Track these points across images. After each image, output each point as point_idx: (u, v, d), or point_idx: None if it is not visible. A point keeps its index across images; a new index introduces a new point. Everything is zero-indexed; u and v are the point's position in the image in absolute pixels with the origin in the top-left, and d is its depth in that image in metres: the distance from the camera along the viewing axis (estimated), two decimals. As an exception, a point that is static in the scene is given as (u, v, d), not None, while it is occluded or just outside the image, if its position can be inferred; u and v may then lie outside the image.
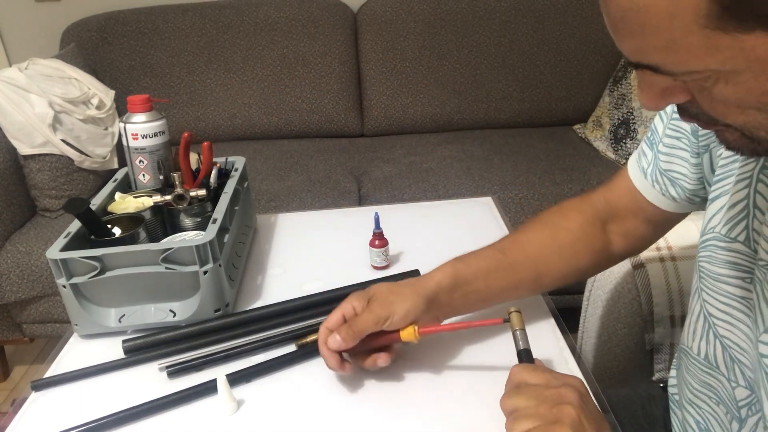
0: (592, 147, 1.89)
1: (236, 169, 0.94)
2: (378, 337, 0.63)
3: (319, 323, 0.74)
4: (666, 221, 0.70)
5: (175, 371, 0.69)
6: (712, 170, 0.60)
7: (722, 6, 0.33)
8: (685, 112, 0.43)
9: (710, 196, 0.59)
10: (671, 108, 0.65)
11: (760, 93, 0.36)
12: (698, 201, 0.65)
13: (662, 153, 0.65)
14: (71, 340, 0.77)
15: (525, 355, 0.59)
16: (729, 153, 0.57)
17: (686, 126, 0.62)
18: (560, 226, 0.72)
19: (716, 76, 0.37)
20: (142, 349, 0.73)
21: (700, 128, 0.60)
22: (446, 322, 0.68)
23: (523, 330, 0.60)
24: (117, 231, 0.80)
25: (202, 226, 0.83)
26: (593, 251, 0.72)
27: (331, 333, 0.62)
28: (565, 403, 0.50)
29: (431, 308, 0.64)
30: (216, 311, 0.76)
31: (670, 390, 0.73)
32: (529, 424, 0.49)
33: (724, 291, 0.57)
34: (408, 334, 0.62)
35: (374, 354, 0.64)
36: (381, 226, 0.86)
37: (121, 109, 1.87)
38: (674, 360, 0.73)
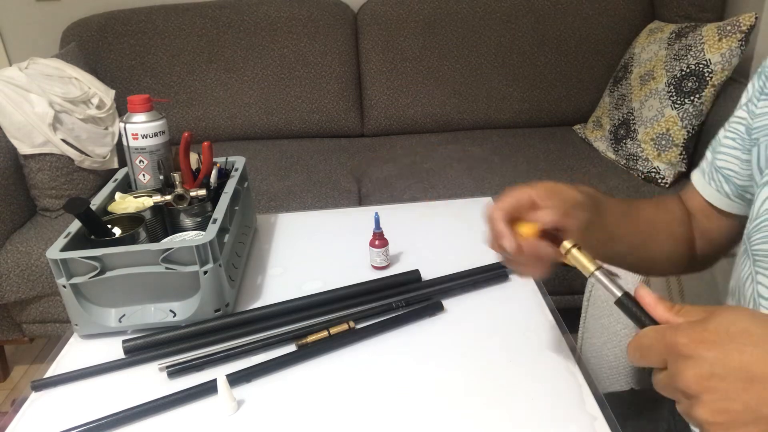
0: (592, 147, 1.89)
1: (236, 169, 0.94)
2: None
3: (319, 323, 0.75)
4: (727, 224, 0.71)
5: (175, 371, 0.69)
6: (759, 165, 0.63)
7: None
8: None
9: (763, 181, 0.60)
10: (732, 117, 0.69)
11: None
12: (748, 198, 0.68)
13: (718, 152, 0.69)
14: (71, 340, 0.77)
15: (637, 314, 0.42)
16: None
17: (741, 127, 0.66)
18: (661, 206, 0.74)
19: None
20: (142, 349, 0.73)
21: (754, 123, 0.64)
22: None
23: (602, 268, 0.46)
24: (117, 231, 0.80)
25: (202, 226, 0.83)
26: (688, 240, 0.73)
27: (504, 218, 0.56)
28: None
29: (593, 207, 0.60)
30: (216, 311, 0.76)
31: None
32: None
33: None
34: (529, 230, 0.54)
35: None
36: (381, 226, 0.86)
37: (121, 108, 1.87)
38: None
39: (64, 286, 0.72)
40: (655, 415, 0.78)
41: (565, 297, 1.65)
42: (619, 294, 0.44)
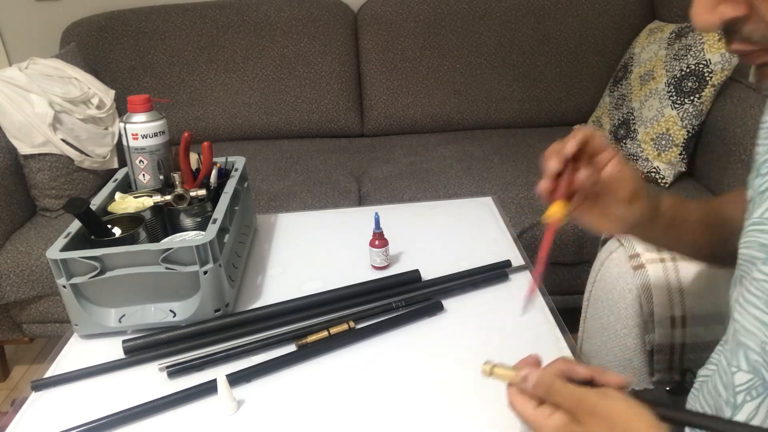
0: (592, 147, 1.89)
1: (236, 169, 0.94)
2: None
3: (319, 323, 0.75)
4: None
5: (175, 371, 0.69)
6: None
7: None
8: (736, 36, 0.42)
9: (760, 189, 0.59)
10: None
11: None
12: None
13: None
14: (71, 340, 0.77)
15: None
16: None
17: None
18: (736, 202, 0.72)
19: None
20: (142, 349, 0.73)
21: None
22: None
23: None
24: (117, 231, 0.80)
25: (202, 226, 0.83)
26: None
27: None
28: None
29: (652, 216, 0.63)
30: (216, 311, 0.76)
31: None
32: None
33: (751, 274, 0.57)
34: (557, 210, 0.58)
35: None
36: (381, 226, 0.86)
37: (121, 108, 1.87)
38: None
39: (64, 286, 0.72)
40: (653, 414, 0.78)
41: (565, 297, 1.65)
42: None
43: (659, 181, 1.64)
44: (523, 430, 0.54)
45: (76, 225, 0.77)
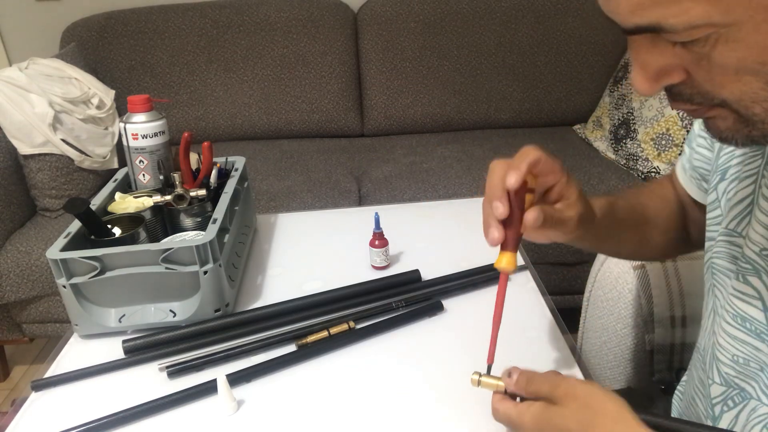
0: (592, 147, 1.89)
1: (236, 169, 0.94)
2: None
3: (319, 323, 0.75)
4: None
5: (175, 371, 0.69)
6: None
7: None
8: (678, 97, 0.42)
9: (728, 196, 0.59)
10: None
11: (760, 49, 0.36)
12: None
13: (693, 149, 0.67)
14: (71, 340, 0.77)
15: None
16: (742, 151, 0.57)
17: None
18: (662, 196, 0.73)
19: (717, 35, 0.36)
20: (142, 349, 0.73)
21: None
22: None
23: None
24: (117, 231, 0.80)
25: (202, 226, 0.83)
26: (682, 227, 0.73)
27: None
28: None
29: (585, 218, 0.59)
30: (216, 311, 0.76)
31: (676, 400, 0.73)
32: None
33: (726, 288, 0.57)
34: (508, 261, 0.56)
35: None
36: (381, 226, 0.86)
37: (122, 108, 1.87)
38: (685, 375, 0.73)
39: (64, 286, 0.72)
40: (651, 412, 0.78)
41: (565, 297, 1.65)
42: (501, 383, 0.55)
43: (659, 181, 1.64)
44: None
45: (76, 225, 0.77)
